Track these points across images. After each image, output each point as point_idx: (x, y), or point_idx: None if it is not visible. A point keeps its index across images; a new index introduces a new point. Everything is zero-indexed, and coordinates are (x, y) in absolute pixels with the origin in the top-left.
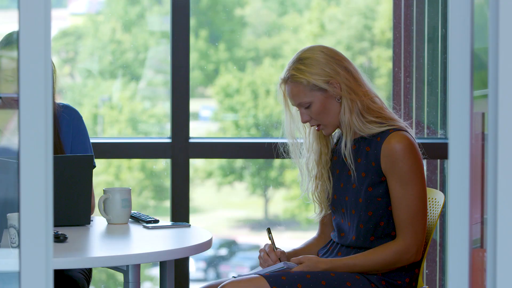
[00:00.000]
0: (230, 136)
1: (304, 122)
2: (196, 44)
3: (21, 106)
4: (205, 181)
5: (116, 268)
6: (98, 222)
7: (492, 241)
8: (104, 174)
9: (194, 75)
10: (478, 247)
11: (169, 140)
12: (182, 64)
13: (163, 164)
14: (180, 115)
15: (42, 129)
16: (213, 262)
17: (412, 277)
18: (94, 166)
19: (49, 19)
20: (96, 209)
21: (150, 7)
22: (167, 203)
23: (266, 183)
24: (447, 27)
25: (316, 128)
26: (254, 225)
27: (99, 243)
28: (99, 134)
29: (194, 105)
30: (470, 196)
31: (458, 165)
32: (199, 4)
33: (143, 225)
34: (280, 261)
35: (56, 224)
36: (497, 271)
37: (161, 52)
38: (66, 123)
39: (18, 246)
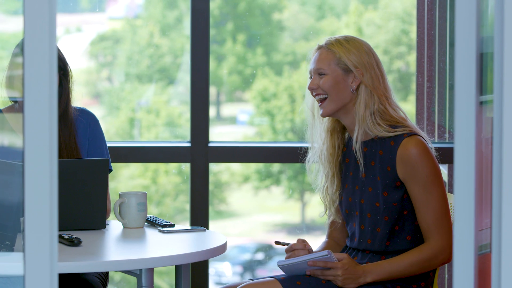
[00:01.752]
0: (262, 141)
1: (310, 87)
2: (234, 48)
3: (25, 109)
4: (242, 185)
5: (129, 272)
6: (114, 226)
7: (497, 245)
8: (141, 178)
9: (232, 79)
10: (488, 252)
11: (188, 144)
12: (202, 68)
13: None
14: (200, 119)
15: (47, 133)
16: (250, 267)
17: (427, 281)
18: (111, 170)
19: (54, 25)
20: (113, 213)
21: (187, 12)
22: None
23: (303, 187)
24: None
25: (319, 101)
26: (291, 229)
27: (113, 247)
28: (136, 138)
29: (232, 109)
30: (480, 201)
31: (463, 169)
32: (237, 8)
33: (158, 229)
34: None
35: (71, 228)
36: (502, 276)
37: None
38: (83, 127)
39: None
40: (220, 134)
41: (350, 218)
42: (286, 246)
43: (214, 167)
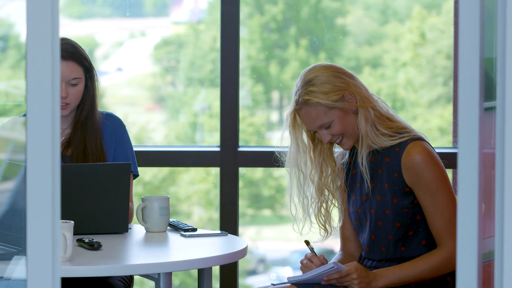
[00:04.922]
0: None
1: (327, 142)
2: (297, 53)
3: (28, 114)
4: None
5: (147, 276)
6: (136, 230)
7: (499, 252)
8: (203, 183)
9: (295, 84)
10: (493, 260)
11: (218, 149)
12: (231, 72)
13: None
14: (229, 124)
15: (49, 138)
16: None
17: (446, 285)
18: (136, 175)
19: (57, 30)
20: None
21: (250, 16)
22: (266, 212)
23: None
24: None
25: (338, 141)
26: None
27: (133, 251)
28: (198, 143)
29: None
30: (485, 208)
31: (466, 177)
32: (300, 13)
33: (180, 234)
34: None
35: (93, 232)
36: (504, 283)
37: (261, 61)
38: (109, 132)
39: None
40: (281, 139)
41: (361, 229)
42: (309, 252)
43: (275, 172)
